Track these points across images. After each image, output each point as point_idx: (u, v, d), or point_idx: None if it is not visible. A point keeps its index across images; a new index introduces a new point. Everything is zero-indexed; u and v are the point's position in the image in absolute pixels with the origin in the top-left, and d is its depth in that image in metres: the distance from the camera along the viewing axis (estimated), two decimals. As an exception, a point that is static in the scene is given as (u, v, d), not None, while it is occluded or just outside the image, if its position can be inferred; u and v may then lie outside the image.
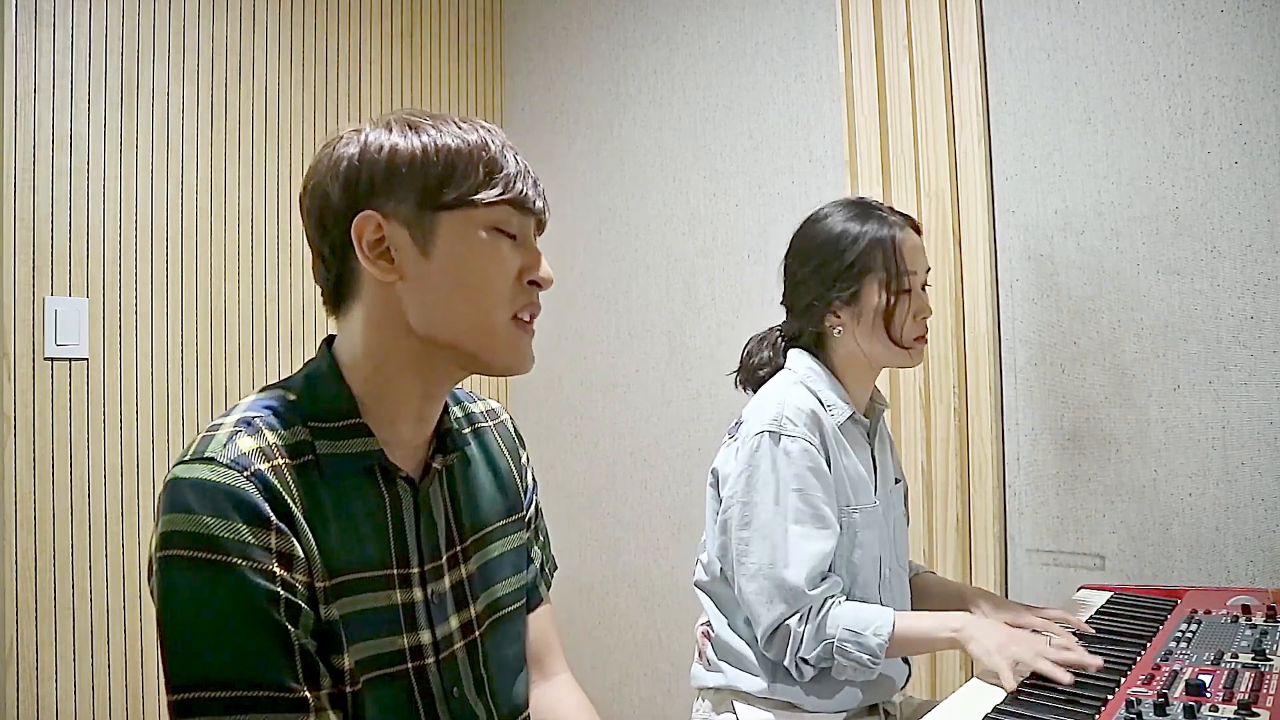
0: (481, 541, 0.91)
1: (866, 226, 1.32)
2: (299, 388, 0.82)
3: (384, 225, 0.79)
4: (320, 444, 0.79)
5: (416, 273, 0.79)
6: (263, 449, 0.75)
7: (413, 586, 0.83)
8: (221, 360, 2.12)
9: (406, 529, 0.83)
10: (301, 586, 0.73)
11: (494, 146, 0.81)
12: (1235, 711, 0.89)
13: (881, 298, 1.31)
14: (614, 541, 2.48)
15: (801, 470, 1.24)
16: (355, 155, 0.79)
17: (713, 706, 1.35)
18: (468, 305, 0.81)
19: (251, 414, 0.78)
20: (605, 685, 2.47)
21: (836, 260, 1.32)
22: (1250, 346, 1.51)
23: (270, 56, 2.25)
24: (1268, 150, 1.49)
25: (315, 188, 0.82)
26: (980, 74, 1.79)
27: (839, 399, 1.33)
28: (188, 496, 0.71)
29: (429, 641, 0.83)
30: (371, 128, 0.81)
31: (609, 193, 2.50)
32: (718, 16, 2.26)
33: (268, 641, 0.71)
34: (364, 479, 0.81)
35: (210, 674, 0.69)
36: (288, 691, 0.71)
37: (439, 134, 0.80)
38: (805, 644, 1.20)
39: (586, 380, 2.56)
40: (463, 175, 0.79)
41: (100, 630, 1.90)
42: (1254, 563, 1.51)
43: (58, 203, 1.88)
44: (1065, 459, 1.71)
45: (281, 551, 0.72)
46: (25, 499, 1.82)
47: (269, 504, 0.72)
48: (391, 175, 0.78)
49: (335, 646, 0.75)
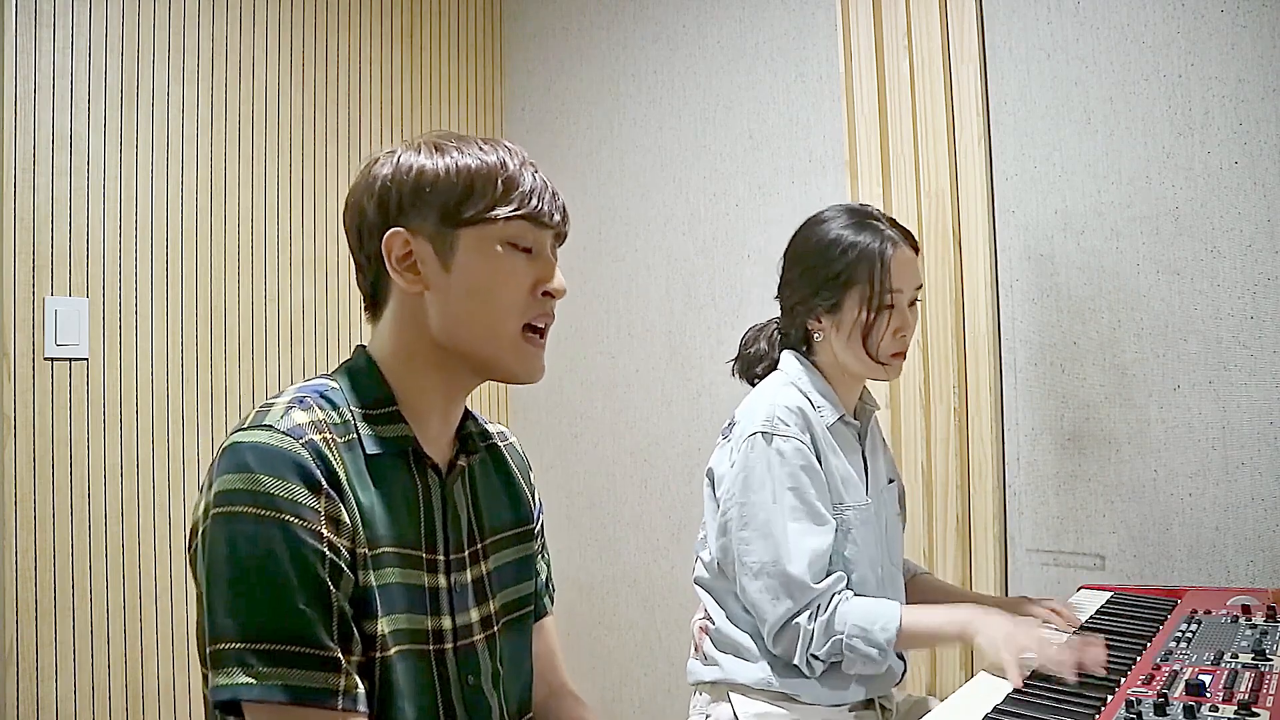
0: (498, 544, 0.97)
1: (860, 238, 1.31)
2: (340, 377, 0.88)
3: (411, 241, 0.86)
4: (362, 426, 0.85)
5: (439, 284, 0.86)
6: (315, 422, 0.80)
7: (439, 572, 0.88)
8: (221, 360, 2.12)
9: (435, 517, 0.89)
10: (344, 550, 0.77)
11: (512, 165, 0.87)
12: (1235, 711, 0.89)
13: (862, 312, 1.31)
14: (614, 541, 2.48)
15: (795, 469, 1.26)
16: (388, 175, 0.87)
17: (709, 700, 1.35)
18: (481, 315, 0.87)
19: (302, 394, 0.84)
20: (605, 685, 2.48)
21: (824, 267, 1.32)
22: (1250, 346, 1.51)
23: (270, 56, 2.25)
24: (1268, 150, 1.49)
25: (354, 205, 0.89)
26: (980, 74, 1.79)
27: (828, 401, 1.34)
28: (247, 457, 0.75)
29: (449, 628, 0.87)
30: (404, 149, 0.88)
31: (609, 193, 2.50)
32: (718, 16, 2.26)
33: (309, 597, 0.74)
34: (400, 463, 0.87)
35: (249, 625, 0.73)
36: (324, 650, 0.74)
37: (461, 155, 0.86)
38: (815, 641, 1.22)
39: (586, 380, 2.56)
40: (480, 193, 0.85)
41: (100, 630, 1.90)
42: (1254, 563, 1.51)
43: (58, 203, 1.88)
44: (1065, 459, 1.71)
45: (330, 515, 0.77)
46: (25, 499, 1.82)
47: (320, 470, 0.77)
48: (417, 195, 0.86)
49: (370, 612, 0.79)
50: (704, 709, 1.36)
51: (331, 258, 2.34)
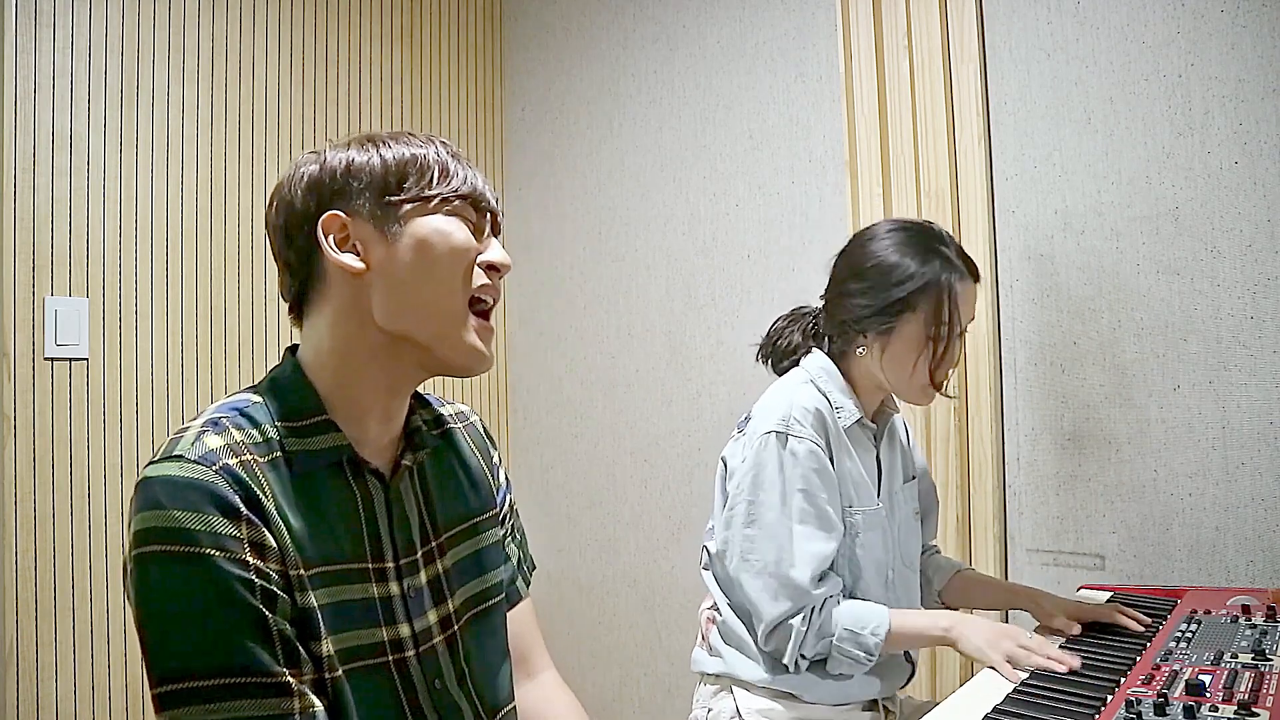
0: (456, 538, 0.93)
1: (928, 267, 1.28)
2: (264, 390, 0.84)
3: (349, 224, 0.83)
4: (288, 441, 0.80)
5: (381, 262, 0.83)
6: (230, 445, 0.76)
7: (388, 581, 0.84)
8: (221, 360, 2.12)
9: (380, 524, 0.85)
10: (275, 574, 0.74)
11: (446, 153, 0.87)
12: (1235, 711, 0.89)
13: (920, 341, 1.28)
14: (614, 541, 2.48)
15: (807, 471, 1.26)
16: (317, 169, 0.85)
17: (713, 693, 1.36)
18: (428, 290, 0.84)
19: (218, 415, 0.80)
20: (605, 685, 2.48)
21: (886, 291, 1.28)
22: (1250, 346, 1.51)
23: (270, 56, 2.25)
24: (1268, 150, 1.49)
25: (280, 201, 0.86)
26: (980, 74, 1.79)
27: (848, 402, 1.33)
28: (158, 493, 0.72)
29: (408, 634, 0.85)
30: (330, 148, 0.87)
31: (609, 193, 2.50)
32: (718, 16, 2.26)
33: (246, 628, 0.72)
34: (334, 474, 0.83)
35: (191, 664, 0.70)
36: (269, 676, 0.72)
37: (396, 145, 0.86)
38: (807, 641, 1.24)
39: (586, 380, 2.56)
40: (419, 174, 0.85)
41: (100, 630, 1.90)
42: (1254, 563, 1.51)
43: (58, 203, 1.88)
44: (1065, 459, 1.71)
45: (253, 541, 0.73)
46: (25, 499, 1.82)
47: (238, 495, 0.73)
48: (352, 179, 0.84)
49: (314, 633, 0.76)
50: (707, 701, 1.36)
51: (331, 258, 2.33)
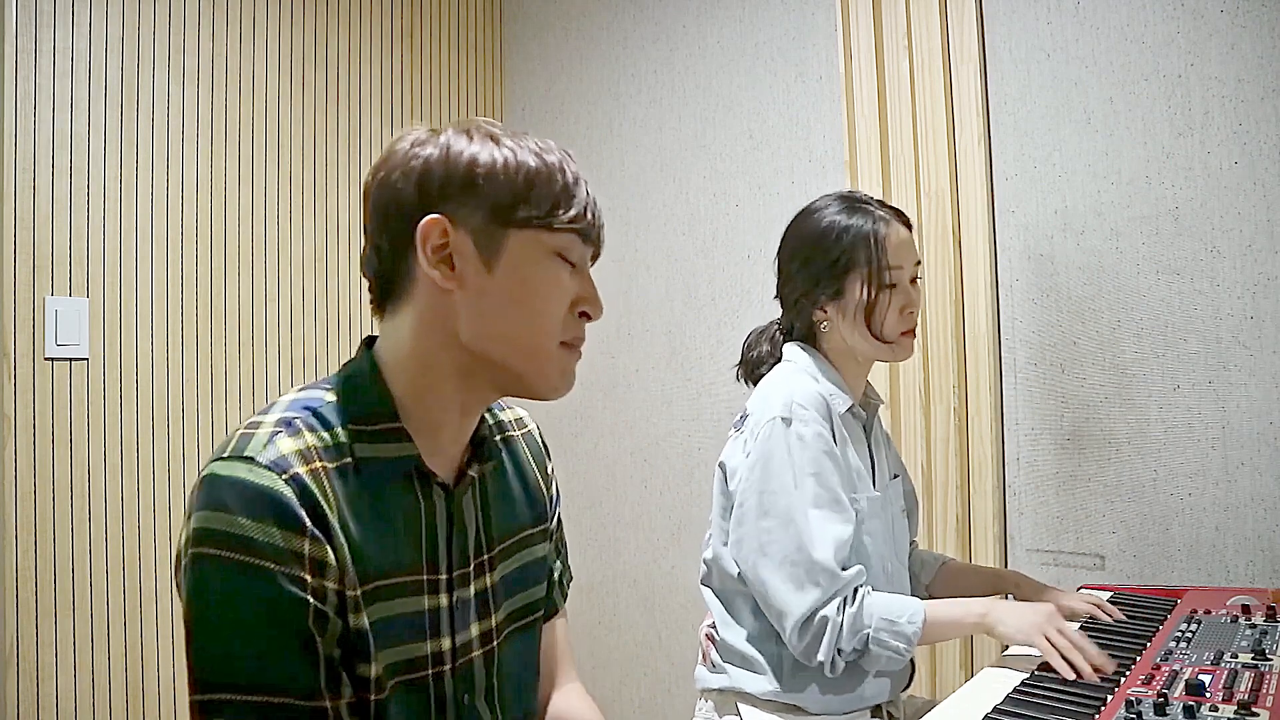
0: (507, 551, 0.91)
1: (852, 221, 1.32)
2: (338, 388, 0.81)
3: (450, 232, 0.78)
4: (359, 446, 0.78)
5: (476, 284, 0.79)
6: (302, 451, 0.74)
7: (439, 592, 0.82)
8: (221, 360, 2.12)
9: (439, 535, 0.83)
10: (332, 594, 0.73)
11: (569, 172, 0.81)
12: (1235, 711, 0.89)
13: (864, 293, 1.30)
14: (614, 541, 2.48)
15: (817, 454, 1.23)
16: (434, 156, 0.78)
17: (716, 708, 1.34)
18: (523, 325, 0.80)
19: (291, 414, 0.77)
20: (605, 685, 2.48)
21: (822, 256, 1.32)
22: (1250, 346, 1.51)
23: (270, 56, 2.25)
24: (1268, 150, 1.49)
25: (384, 181, 0.80)
26: (980, 74, 1.79)
27: (838, 389, 1.33)
28: (225, 495, 0.70)
29: (449, 648, 0.83)
30: (452, 132, 0.80)
31: (609, 193, 2.50)
32: (718, 16, 2.26)
33: (294, 649, 0.71)
34: (401, 483, 0.80)
35: (236, 677, 0.70)
36: (307, 699, 0.71)
37: (519, 150, 0.79)
38: (844, 634, 1.18)
39: (586, 380, 2.54)
40: (539, 196, 0.79)
41: (100, 630, 1.90)
42: (1254, 563, 1.51)
43: (58, 203, 1.88)
44: (1065, 459, 1.71)
45: (314, 558, 0.71)
46: (25, 499, 1.82)
47: (305, 509, 0.71)
48: (469, 184, 0.78)
49: (363, 654, 0.75)
50: (710, 716, 1.34)
51: (332, 257, 2.34)
